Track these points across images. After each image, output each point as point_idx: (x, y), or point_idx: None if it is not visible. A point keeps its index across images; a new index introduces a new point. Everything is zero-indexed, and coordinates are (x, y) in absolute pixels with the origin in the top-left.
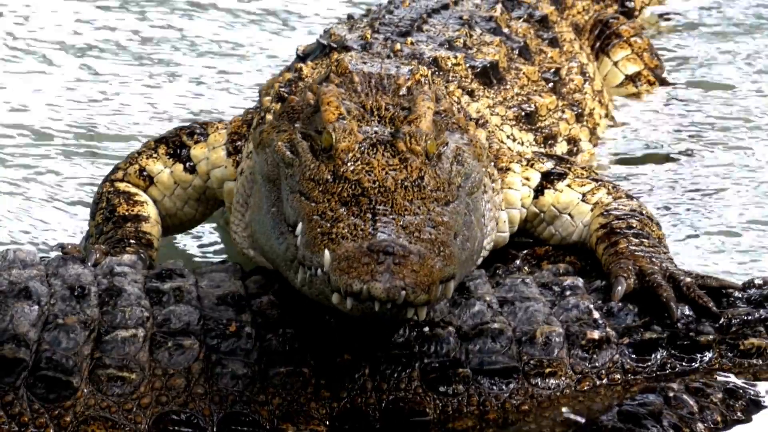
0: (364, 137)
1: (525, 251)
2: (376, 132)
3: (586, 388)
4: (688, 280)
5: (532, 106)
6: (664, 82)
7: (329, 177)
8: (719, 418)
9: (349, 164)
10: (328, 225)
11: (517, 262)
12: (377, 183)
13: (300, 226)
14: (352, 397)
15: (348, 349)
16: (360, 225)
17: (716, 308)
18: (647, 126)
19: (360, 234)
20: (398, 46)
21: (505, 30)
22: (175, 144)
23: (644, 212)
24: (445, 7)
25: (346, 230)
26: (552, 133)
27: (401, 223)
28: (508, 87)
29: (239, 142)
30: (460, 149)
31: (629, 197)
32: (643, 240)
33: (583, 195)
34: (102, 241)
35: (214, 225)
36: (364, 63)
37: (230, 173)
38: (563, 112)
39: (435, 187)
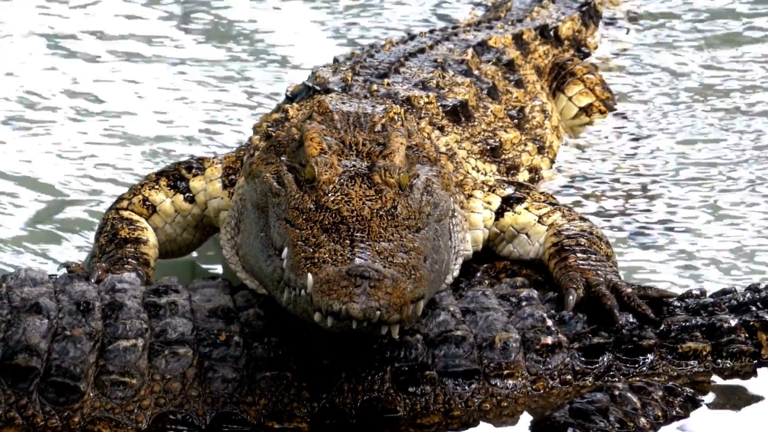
0: (344, 170)
1: (485, 265)
2: (354, 165)
3: (540, 388)
4: (629, 290)
5: (498, 140)
6: (613, 111)
7: (312, 206)
8: (660, 413)
9: (329, 195)
10: (311, 250)
11: (478, 275)
12: (355, 212)
13: (286, 250)
14: (330, 397)
15: (327, 354)
16: (339, 250)
17: (654, 315)
18: (599, 153)
19: (339, 259)
20: (375, 86)
21: (476, 72)
22: (175, 177)
23: (594, 232)
24: (422, 51)
25: (327, 255)
26: (515, 164)
27: (376, 248)
28: (475, 123)
29: (233, 176)
30: (429, 180)
31: (582, 219)
32: (591, 256)
33: (540, 217)
34: (104, 260)
35: (205, 244)
36: (344, 103)
37: (226, 204)
38: (526, 145)
39: (407, 216)
